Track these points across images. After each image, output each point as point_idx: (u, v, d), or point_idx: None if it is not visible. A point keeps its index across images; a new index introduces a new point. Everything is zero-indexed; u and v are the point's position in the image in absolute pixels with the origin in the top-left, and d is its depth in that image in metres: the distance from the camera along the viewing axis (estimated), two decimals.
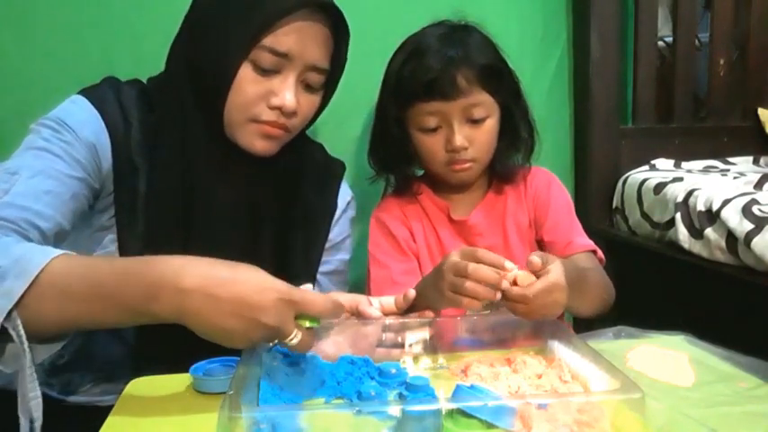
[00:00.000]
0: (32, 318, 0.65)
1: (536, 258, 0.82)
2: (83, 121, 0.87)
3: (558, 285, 0.80)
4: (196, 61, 0.90)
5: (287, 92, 0.89)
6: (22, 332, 0.64)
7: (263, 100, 0.90)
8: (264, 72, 0.89)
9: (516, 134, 1.14)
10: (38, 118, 0.88)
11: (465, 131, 1.07)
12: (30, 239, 0.75)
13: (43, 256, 0.67)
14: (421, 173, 1.22)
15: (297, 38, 0.88)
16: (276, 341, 0.69)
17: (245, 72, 0.88)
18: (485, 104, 1.07)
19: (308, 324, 0.68)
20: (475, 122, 1.07)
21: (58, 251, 0.68)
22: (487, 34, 1.11)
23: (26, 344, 0.64)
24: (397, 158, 1.14)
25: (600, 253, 1.12)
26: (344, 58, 0.98)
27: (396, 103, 1.10)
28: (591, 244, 1.12)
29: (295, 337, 0.67)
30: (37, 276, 0.65)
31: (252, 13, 0.86)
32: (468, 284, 0.80)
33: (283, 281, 0.68)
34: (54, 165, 0.82)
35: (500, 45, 1.12)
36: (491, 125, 1.09)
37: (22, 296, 0.64)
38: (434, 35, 1.09)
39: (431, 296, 0.88)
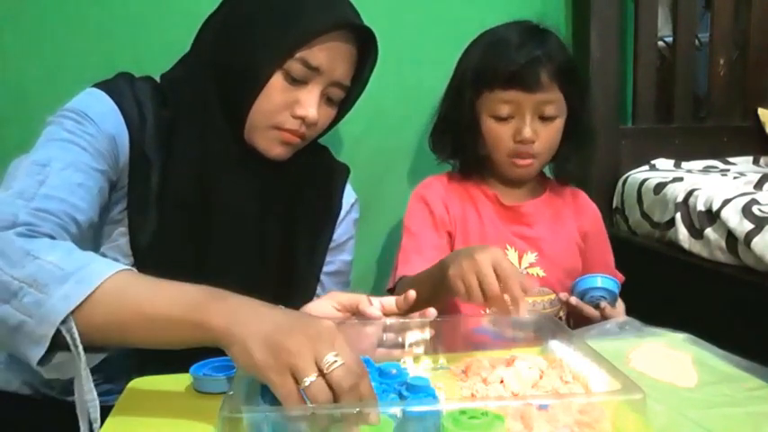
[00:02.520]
0: (85, 326, 0.65)
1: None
2: (104, 114, 0.87)
3: None
4: (226, 63, 0.91)
5: (311, 103, 0.92)
6: (77, 336, 0.64)
7: (288, 109, 0.92)
8: (294, 82, 0.91)
9: (579, 140, 1.18)
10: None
11: (535, 126, 1.10)
12: (70, 232, 0.76)
13: (108, 268, 0.67)
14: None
15: (329, 54, 0.91)
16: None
17: (276, 80, 0.90)
18: (557, 104, 1.11)
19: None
20: (544, 119, 1.11)
21: (123, 266, 0.69)
22: (562, 39, 1.15)
23: (80, 347, 0.64)
24: (464, 144, 1.17)
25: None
26: (367, 78, 1.00)
27: (473, 87, 1.13)
28: (621, 276, 1.19)
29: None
30: (98, 286, 0.65)
31: (291, 27, 0.89)
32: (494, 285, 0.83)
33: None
34: (81, 158, 0.82)
35: None
36: (558, 125, 1.13)
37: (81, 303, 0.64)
38: (516, 31, 1.12)
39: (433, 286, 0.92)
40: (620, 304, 1.10)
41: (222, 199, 0.92)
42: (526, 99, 1.08)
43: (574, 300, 1.07)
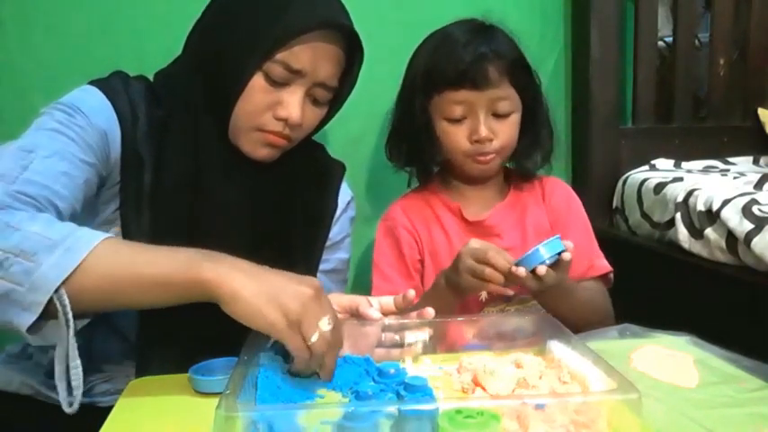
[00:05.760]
0: (76, 293, 0.66)
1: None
2: (95, 108, 0.87)
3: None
4: (210, 64, 0.91)
5: (294, 105, 0.91)
6: (68, 304, 0.65)
7: (270, 110, 0.91)
8: (275, 83, 0.90)
9: (537, 134, 1.15)
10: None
11: (490, 123, 1.08)
12: None
13: (95, 235, 0.69)
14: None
15: (311, 56, 0.90)
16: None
17: (257, 81, 0.89)
18: (510, 99, 1.09)
19: None
20: (499, 116, 1.09)
21: (108, 234, 0.71)
22: (510, 34, 1.13)
23: (70, 315, 0.65)
24: (420, 150, 1.15)
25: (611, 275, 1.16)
26: (355, 78, 0.99)
27: (423, 91, 1.11)
28: (608, 266, 1.15)
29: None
30: (89, 253, 0.67)
31: (271, 28, 0.88)
32: (488, 270, 0.94)
33: None
34: (68, 148, 0.82)
35: None
36: (515, 120, 1.11)
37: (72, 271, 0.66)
38: (462, 30, 1.11)
39: (450, 285, 1.01)
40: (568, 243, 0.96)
41: (215, 199, 0.93)
42: (477, 97, 1.07)
43: (522, 270, 0.94)
